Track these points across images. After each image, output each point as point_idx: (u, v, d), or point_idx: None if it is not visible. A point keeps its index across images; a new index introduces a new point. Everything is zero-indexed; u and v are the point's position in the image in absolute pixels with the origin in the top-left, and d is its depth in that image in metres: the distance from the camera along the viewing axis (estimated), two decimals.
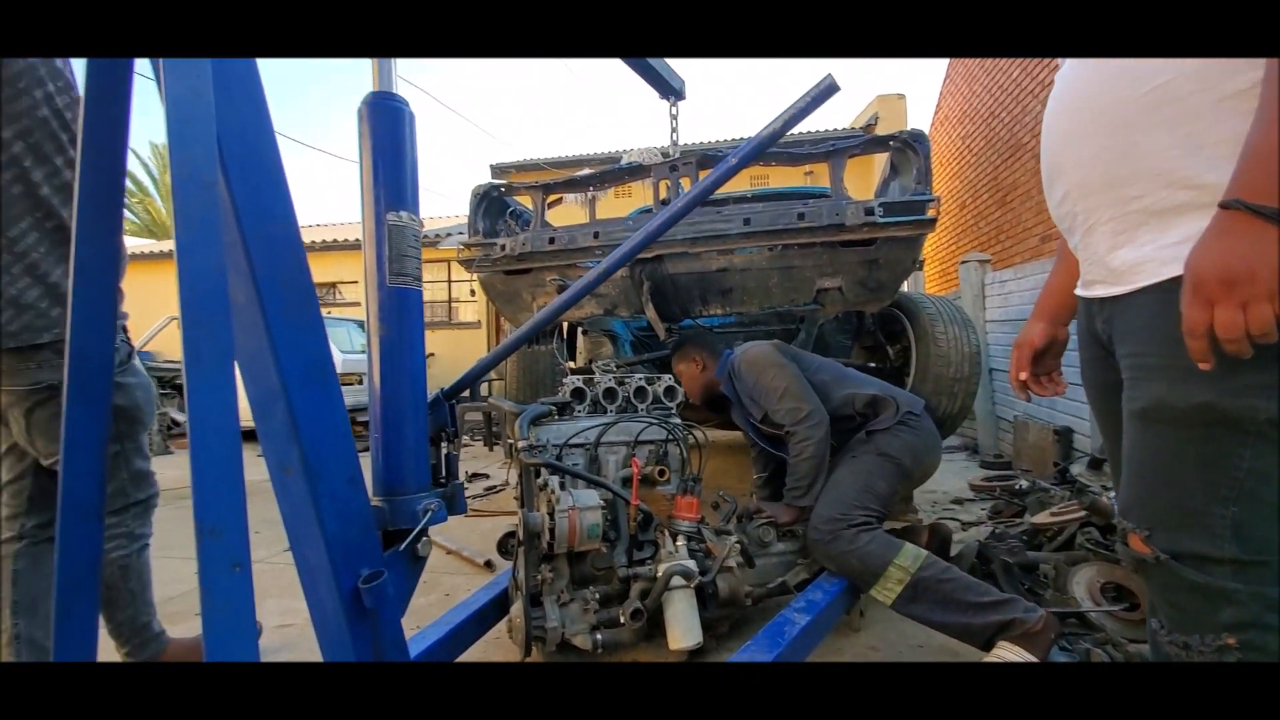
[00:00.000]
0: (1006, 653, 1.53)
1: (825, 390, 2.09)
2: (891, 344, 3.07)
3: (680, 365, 2.38)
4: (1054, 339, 1.15)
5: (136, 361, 1.61)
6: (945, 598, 1.65)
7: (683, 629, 1.57)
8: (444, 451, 1.14)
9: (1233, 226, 0.67)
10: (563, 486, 1.65)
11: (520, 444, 1.68)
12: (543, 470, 1.65)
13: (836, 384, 2.13)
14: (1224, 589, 0.78)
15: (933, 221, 2.16)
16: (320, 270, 11.74)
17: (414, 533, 0.95)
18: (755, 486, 2.55)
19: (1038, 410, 4.11)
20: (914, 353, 2.79)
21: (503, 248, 2.53)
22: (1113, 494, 1.90)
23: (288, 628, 2.08)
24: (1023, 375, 1.15)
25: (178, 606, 2.24)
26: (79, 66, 1.34)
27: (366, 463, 1.03)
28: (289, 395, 0.81)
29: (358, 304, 11.53)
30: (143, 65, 0.90)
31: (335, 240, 11.68)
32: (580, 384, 2.10)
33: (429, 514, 0.97)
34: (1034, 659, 1.50)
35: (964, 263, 5.25)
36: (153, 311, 7.10)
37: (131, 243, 13.80)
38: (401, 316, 1.06)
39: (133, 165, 18.56)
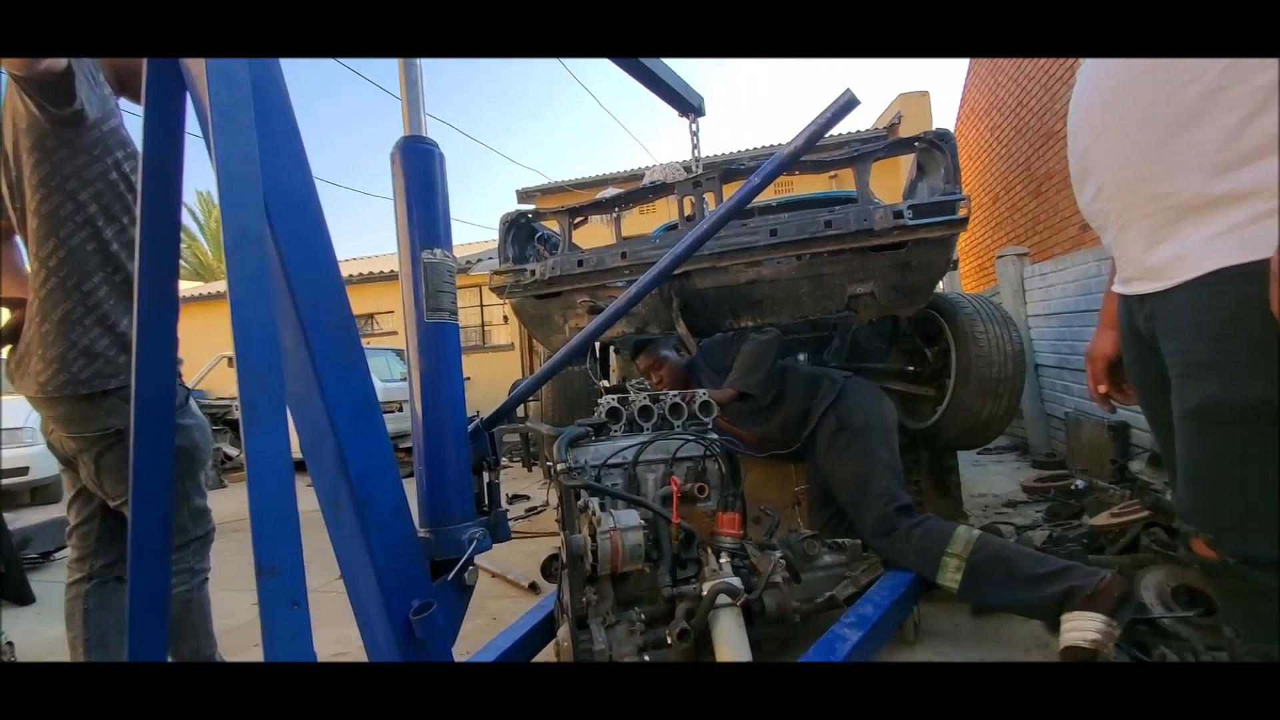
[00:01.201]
0: (1073, 625, 1.57)
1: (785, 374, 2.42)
2: (929, 346, 3.01)
3: (665, 361, 2.56)
4: None
5: (193, 403, 1.69)
6: (1006, 576, 1.70)
7: (731, 648, 1.56)
8: (486, 480, 1.17)
9: None
10: (603, 508, 1.65)
11: (559, 467, 1.69)
12: (583, 492, 1.67)
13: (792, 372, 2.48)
14: None
15: (964, 221, 2.12)
16: (357, 302, 12.03)
17: (461, 562, 0.97)
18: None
19: (1092, 405, 3.96)
20: (953, 354, 2.73)
21: (533, 273, 2.57)
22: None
23: (342, 656, 2.13)
24: (1102, 388, 1.12)
25: (237, 639, 2.31)
26: (135, 128, 1.43)
27: (411, 490, 1.06)
28: (337, 433, 0.84)
29: (395, 333, 11.83)
30: (192, 123, 0.96)
31: (371, 273, 12.04)
32: (615, 403, 2.11)
33: (474, 543, 0.99)
34: (1103, 620, 1.53)
35: (1000, 257, 5.13)
36: (203, 350, 7.42)
37: (181, 286, 14.44)
38: (440, 350, 1.09)
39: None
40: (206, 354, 7.90)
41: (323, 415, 0.83)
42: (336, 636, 2.24)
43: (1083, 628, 1.56)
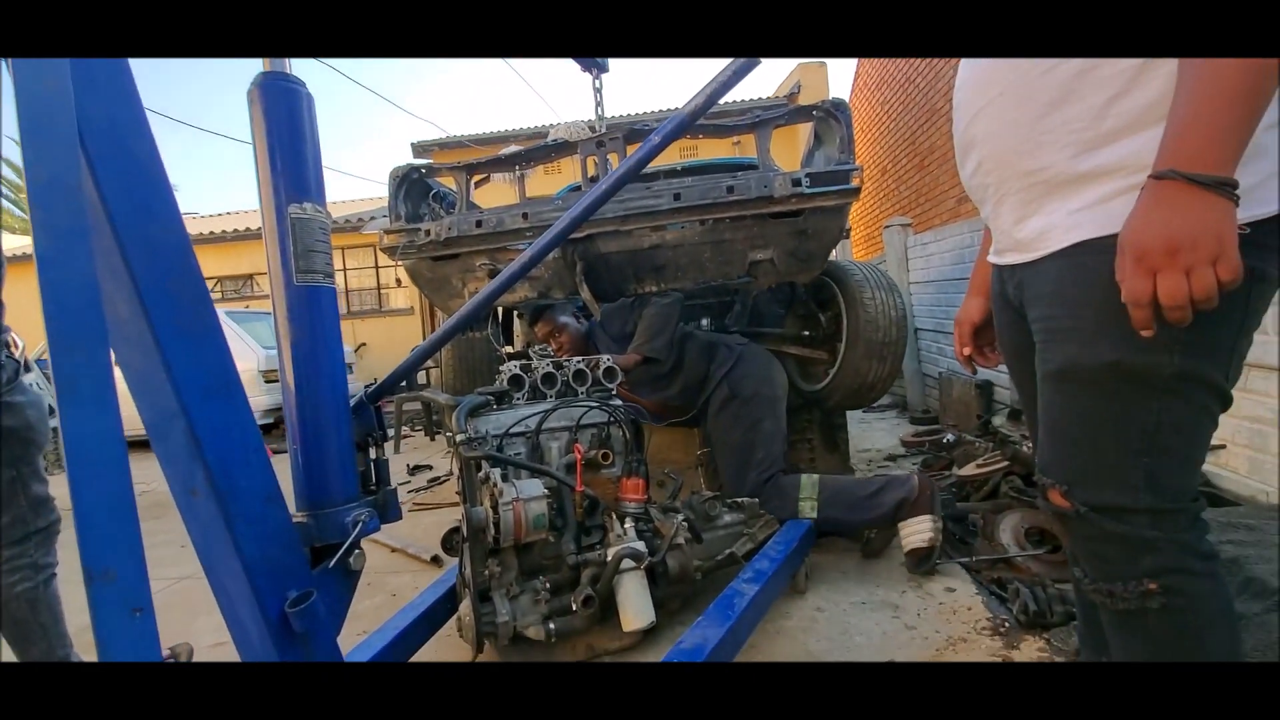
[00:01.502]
0: (910, 531, 1.96)
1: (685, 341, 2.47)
2: (823, 312, 3.14)
3: (564, 329, 2.58)
4: (991, 312, 1.17)
5: (27, 378, 1.47)
6: (848, 503, 2.10)
7: (635, 611, 1.58)
8: (372, 457, 1.09)
9: (1170, 196, 0.67)
10: (505, 478, 1.61)
11: (458, 437, 1.63)
12: (484, 463, 1.61)
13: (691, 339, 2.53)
14: (1143, 537, 0.82)
15: (857, 190, 2.20)
16: (235, 262, 11.03)
17: (344, 547, 0.90)
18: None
19: (960, 366, 4.31)
20: (844, 319, 2.86)
21: (428, 233, 2.41)
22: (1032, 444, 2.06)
23: (222, 645, 1.97)
24: (966, 351, 1.19)
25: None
26: None
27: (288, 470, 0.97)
28: (189, 413, 0.74)
29: None
30: None
31: (249, 229, 10.95)
32: (517, 370, 2.05)
33: (360, 525, 0.92)
34: (930, 519, 1.94)
35: (887, 227, 5.41)
36: None
37: (20, 242, 12.53)
38: (313, 317, 0.99)
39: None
40: None
41: (170, 395, 0.72)
42: (217, 625, 2.06)
43: (917, 530, 1.95)
